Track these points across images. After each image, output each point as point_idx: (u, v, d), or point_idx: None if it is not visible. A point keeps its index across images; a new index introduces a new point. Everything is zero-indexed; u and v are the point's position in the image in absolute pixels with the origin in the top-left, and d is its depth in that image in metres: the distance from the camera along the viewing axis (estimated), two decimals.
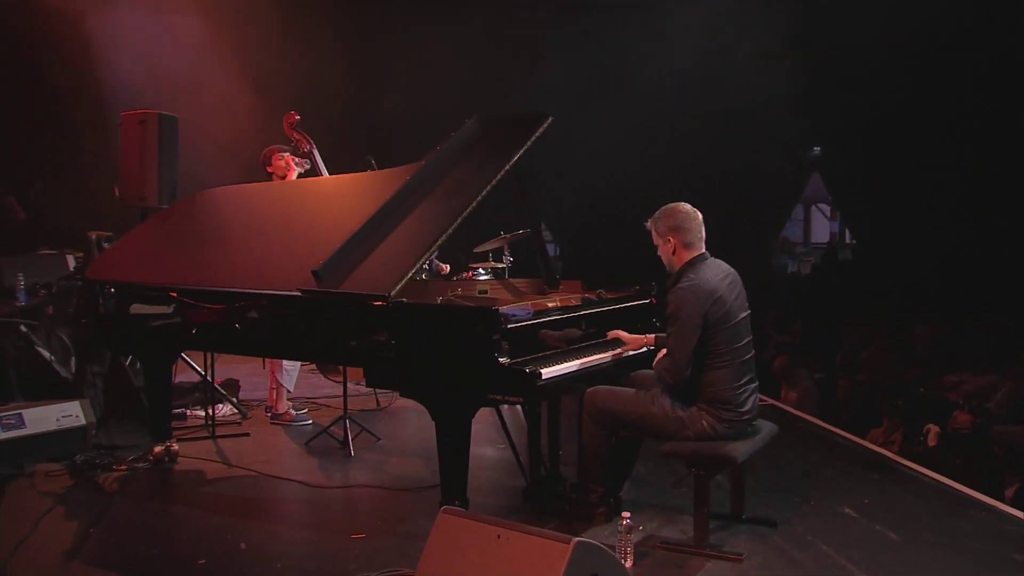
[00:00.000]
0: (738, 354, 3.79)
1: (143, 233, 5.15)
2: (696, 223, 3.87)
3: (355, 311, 3.83)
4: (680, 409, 3.80)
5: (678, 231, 3.85)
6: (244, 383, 7.17)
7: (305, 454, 5.44)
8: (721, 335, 3.74)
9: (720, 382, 3.77)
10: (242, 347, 4.84)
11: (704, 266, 3.82)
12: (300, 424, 6.16)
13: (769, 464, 5.14)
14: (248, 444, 5.65)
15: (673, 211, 3.89)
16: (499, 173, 4.26)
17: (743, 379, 3.81)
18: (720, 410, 3.76)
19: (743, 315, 3.84)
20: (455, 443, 3.67)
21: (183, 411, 6.27)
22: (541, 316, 3.90)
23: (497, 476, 4.96)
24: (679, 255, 3.86)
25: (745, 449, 3.79)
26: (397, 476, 4.95)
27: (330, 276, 3.98)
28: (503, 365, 3.51)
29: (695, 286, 3.73)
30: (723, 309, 3.73)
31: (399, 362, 3.73)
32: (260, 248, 4.58)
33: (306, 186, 5.32)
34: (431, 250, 3.96)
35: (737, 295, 3.83)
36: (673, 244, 3.85)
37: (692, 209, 3.91)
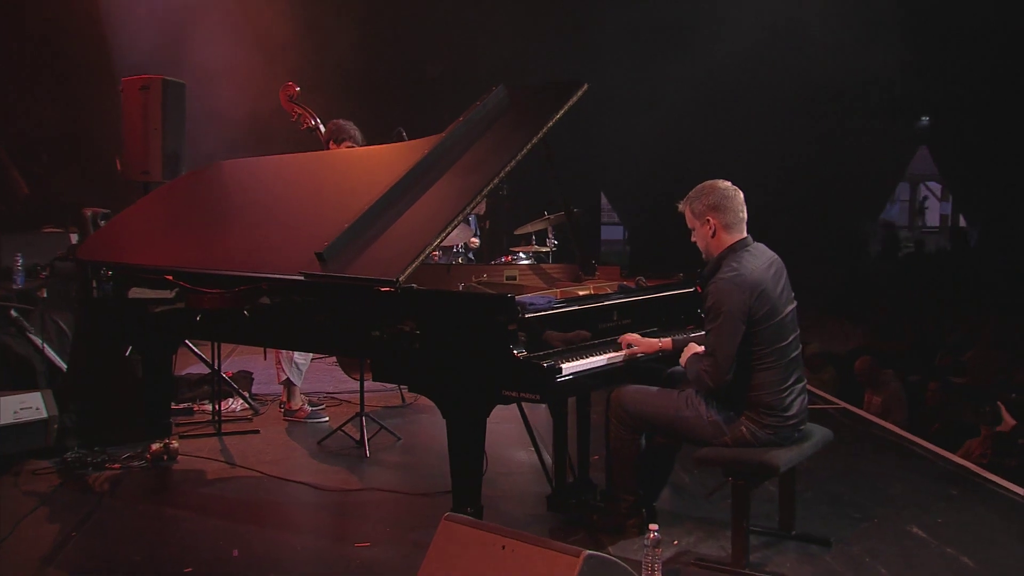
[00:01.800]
0: (784, 353, 3.82)
1: (142, 210, 5.34)
2: (737, 203, 3.89)
3: (362, 297, 3.94)
4: (716, 413, 3.84)
5: (717, 210, 3.87)
6: (260, 376, 7.36)
7: (316, 454, 5.60)
8: (766, 333, 3.77)
9: (764, 386, 3.80)
10: (246, 336, 5.02)
11: (747, 253, 3.84)
12: (315, 421, 6.32)
13: (830, 475, 5.16)
14: (256, 442, 5.83)
15: (711, 188, 3.92)
16: (526, 146, 4.33)
17: (789, 380, 3.83)
18: (763, 415, 3.79)
19: (789, 309, 3.85)
20: (467, 444, 3.77)
21: (190, 406, 6.48)
22: (564, 305, 3.97)
23: (523, 482, 5.05)
24: (719, 238, 3.89)
25: (790, 457, 3.82)
26: (414, 479, 5.08)
27: (336, 259, 4.10)
28: (519, 358, 3.59)
29: (739, 277, 3.75)
30: (769, 304, 3.75)
31: (407, 354, 3.83)
32: (267, 227, 4.72)
33: (322, 160, 5.47)
34: (446, 231, 4.05)
35: (783, 287, 3.85)
36: (712, 226, 3.88)
37: (732, 187, 3.93)
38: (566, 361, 3.76)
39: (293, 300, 4.34)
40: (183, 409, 6.40)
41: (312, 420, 6.33)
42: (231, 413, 6.48)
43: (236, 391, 6.66)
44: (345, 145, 6.06)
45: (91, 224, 5.97)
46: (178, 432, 5.80)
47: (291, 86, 6.40)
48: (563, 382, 3.64)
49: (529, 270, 5.25)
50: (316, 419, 6.35)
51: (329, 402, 6.90)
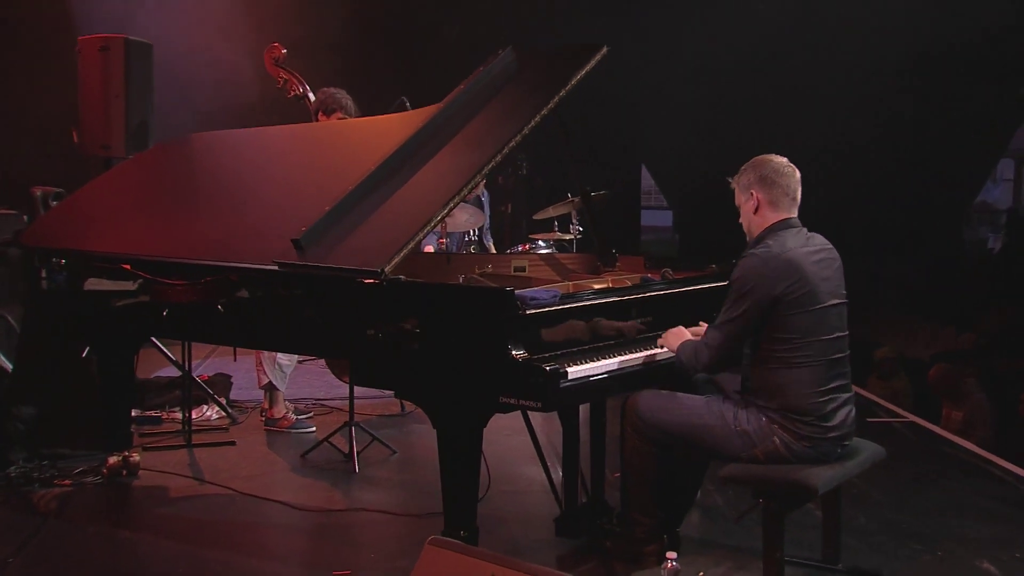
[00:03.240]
0: (824, 350, 3.88)
1: (100, 189, 5.48)
2: (790, 180, 4.00)
3: (343, 291, 4.05)
4: (746, 421, 3.92)
5: (764, 184, 3.98)
6: (241, 380, 7.52)
7: (299, 469, 5.74)
8: (800, 320, 3.84)
9: (797, 384, 3.86)
10: (220, 334, 5.18)
11: (788, 233, 3.95)
12: (300, 431, 6.47)
13: (888, 499, 5.23)
14: (231, 455, 5.98)
15: (762, 161, 4.04)
16: (535, 118, 4.42)
17: (830, 383, 3.90)
18: (797, 423, 3.85)
19: (835, 302, 3.94)
20: (461, 457, 3.86)
21: (158, 413, 6.65)
22: (571, 300, 4.06)
23: (530, 502, 5.17)
24: (761, 215, 4.00)
25: (830, 476, 3.87)
26: (407, 498, 5.21)
27: (315, 247, 4.22)
28: (517, 360, 3.67)
29: (770, 255, 3.86)
30: (806, 287, 3.83)
31: (393, 355, 3.94)
32: (242, 209, 4.86)
33: (307, 134, 5.60)
34: (440, 215, 4.16)
35: (829, 277, 3.94)
36: (756, 200, 4.00)
37: (789, 164, 4.04)
38: (573, 364, 3.84)
39: (269, 294, 4.47)
40: (150, 417, 6.57)
41: (297, 430, 6.48)
42: (205, 422, 6.65)
43: (211, 397, 6.82)
44: (335, 117, 6.19)
45: (41, 205, 6.09)
46: (142, 443, 5.96)
47: (277, 47, 6.53)
48: (568, 388, 3.73)
49: (541, 260, 5.36)
50: (301, 429, 6.50)
51: (319, 410, 7.06)
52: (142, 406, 6.65)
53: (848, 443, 4.02)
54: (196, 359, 7.56)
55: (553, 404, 3.72)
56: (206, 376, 7.19)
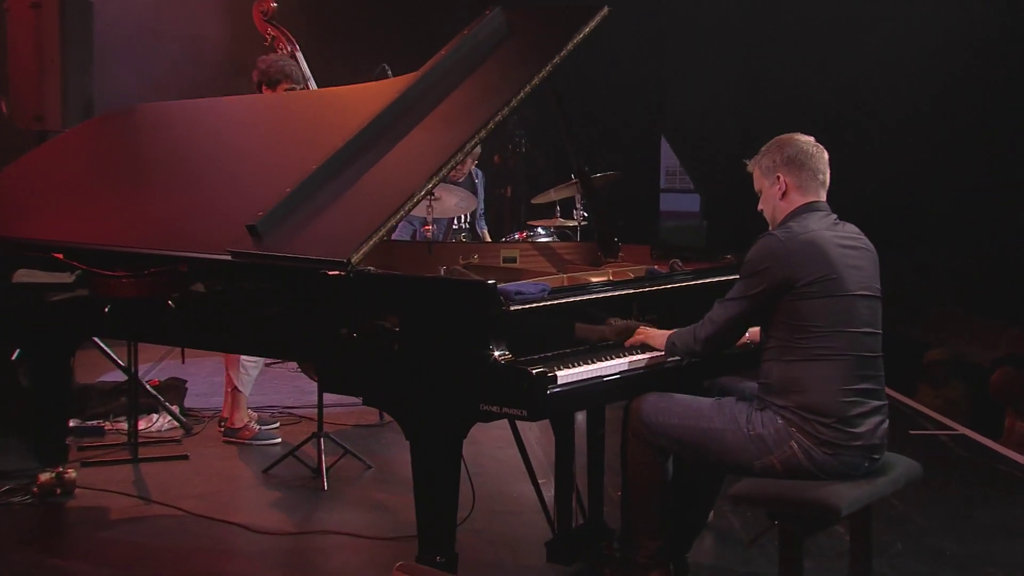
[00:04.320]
0: (852, 344, 3.91)
1: (32, 166, 5.51)
2: (818, 162, 4.07)
3: (304, 284, 4.10)
4: (761, 424, 3.94)
5: (792, 166, 4.05)
6: (197, 385, 7.59)
7: (261, 486, 5.81)
8: (823, 307, 3.87)
9: (817, 379, 3.88)
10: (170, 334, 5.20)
11: (813, 215, 4.01)
12: (263, 443, 6.55)
13: (931, 522, 5.28)
14: (184, 471, 6.04)
15: (787, 141, 4.10)
16: (526, 88, 4.45)
17: (857, 384, 3.92)
18: (816, 425, 3.87)
19: (865, 293, 3.97)
20: (436, 473, 3.89)
21: (100, 423, 6.71)
22: (563, 295, 4.10)
23: (520, 523, 5.24)
24: (789, 200, 4.07)
25: (857, 495, 3.87)
26: (382, 519, 5.27)
27: (273, 234, 4.26)
28: (500, 363, 3.71)
29: (790, 235, 3.93)
30: (829, 272, 3.87)
31: (360, 356, 3.99)
32: (195, 191, 4.92)
33: (272, 105, 5.65)
34: (414, 198, 4.20)
35: (860, 267, 3.98)
36: (783, 184, 4.06)
37: (815, 143, 4.10)
38: (563, 367, 3.87)
39: (225, 288, 4.53)
40: (91, 428, 6.63)
41: (259, 442, 6.55)
42: (154, 433, 6.71)
43: (161, 404, 6.87)
44: (282, 89, 6.26)
45: None
46: (80, 458, 6.02)
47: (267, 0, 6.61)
48: (558, 394, 3.75)
49: (535, 250, 5.40)
50: (264, 440, 6.57)
51: (286, 419, 7.15)
52: (82, 415, 6.70)
53: (878, 457, 4.02)
54: (146, 362, 7.62)
55: (540, 412, 3.75)
56: (156, 381, 7.24)
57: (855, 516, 4.06)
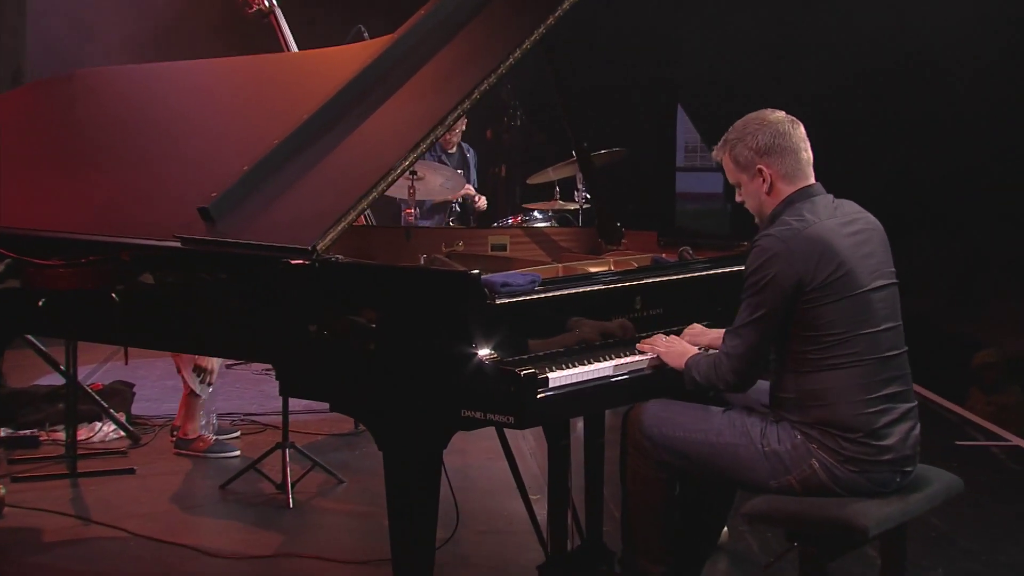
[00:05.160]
0: (872, 346, 3.92)
1: None
2: (798, 139, 4.04)
3: (264, 273, 4.15)
4: (776, 440, 3.96)
5: (771, 154, 4.01)
6: (145, 389, 7.64)
7: (217, 504, 5.86)
8: (836, 311, 3.87)
9: (838, 391, 3.89)
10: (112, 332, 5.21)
11: (810, 204, 3.98)
12: (221, 456, 6.60)
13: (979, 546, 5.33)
14: (130, 487, 6.09)
15: (759, 124, 4.06)
16: (515, 52, 4.44)
17: (883, 389, 3.93)
18: (840, 441, 3.89)
19: (880, 284, 3.97)
20: (411, 488, 3.93)
21: (35, 433, 6.75)
22: (556, 287, 4.14)
23: (510, 545, 5.30)
24: (776, 192, 4.03)
25: (886, 513, 3.90)
26: (354, 541, 5.33)
27: (229, 217, 4.32)
28: (484, 363, 3.74)
29: (790, 233, 3.89)
30: (839, 267, 3.87)
31: (325, 357, 4.03)
32: (140, 168, 4.96)
33: (233, 70, 5.63)
34: (390, 177, 4.23)
35: (869, 254, 3.98)
36: (766, 177, 4.02)
37: (788, 118, 4.06)
38: (556, 368, 3.91)
39: (175, 279, 4.56)
40: (23, 438, 6.67)
41: (216, 454, 6.61)
42: (96, 444, 6.77)
43: (105, 411, 6.92)
44: None
45: None
46: (10, 472, 6.06)
47: None
48: (549, 399, 3.78)
49: (527, 237, 5.44)
50: (222, 452, 6.62)
51: (247, 428, 7.22)
52: (14, 423, 6.74)
53: (910, 469, 4.03)
54: (87, 363, 7.63)
55: (529, 419, 3.77)
56: (100, 385, 7.27)
57: (887, 537, 4.09)
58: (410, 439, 3.95)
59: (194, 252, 4.34)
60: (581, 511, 4.85)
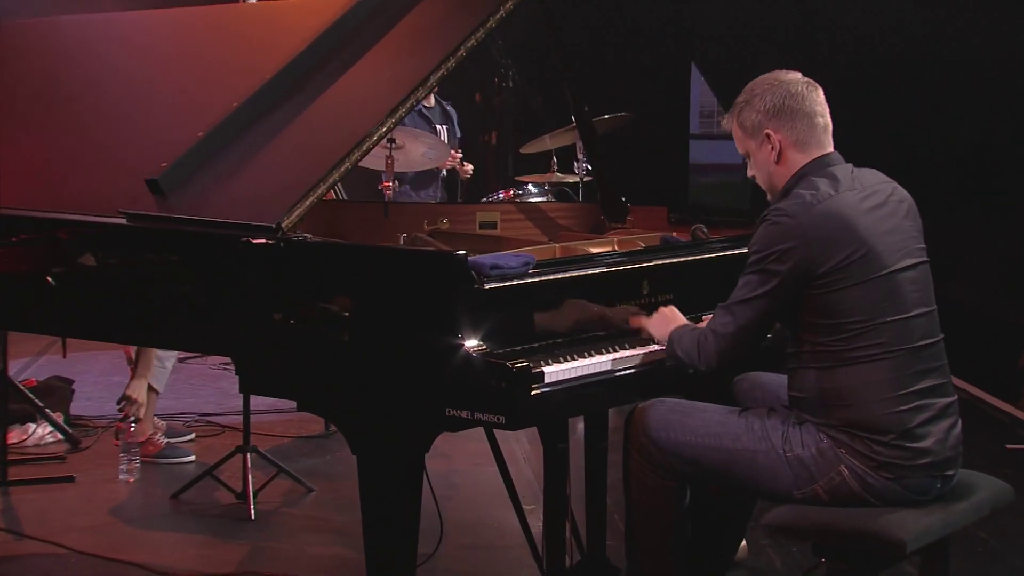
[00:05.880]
0: (901, 335, 3.88)
1: None
2: (813, 103, 4.01)
3: (221, 254, 4.14)
4: (800, 444, 3.93)
5: (782, 118, 3.98)
6: (87, 386, 7.66)
7: (168, 516, 5.84)
8: (857, 296, 3.84)
9: (865, 388, 3.86)
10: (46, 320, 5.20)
11: (826, 177, 3.95)
12: (172, 461, 6.60)
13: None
14: (68, 496, 6.06)
15: (770, 85, 4.03)
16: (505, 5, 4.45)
17: (917, 383, 3.90)
18: (872, 444, 3.85)
19: (908, 263, 3.94)
20: (390, 498, 3.92)
21: None
22: (553, 269, 4.12)
23: (502, 560, 5.29)
24: (786, 163, 4.01)
25: (925, 525, 3.86)
26: (325, 556, 5.31)
27: (180, 191, 4.31)
28: (472, 356, 3.72)
29: (803, 208, 3.85)
30: (858, 249, 3.83)
31: (292, 349, 4.01)
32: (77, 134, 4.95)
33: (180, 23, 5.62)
34: (364, 146, 4.21)
35: (893, 229, 3.94)
36: (775, 144, 4.00)
37: (805, 80, 4.04)
38: (553, 361, 3.90)
39: (119, 260, 4.55)
40: None
41: (167, 459, 6.60)
42: (30, 448, 6.75)
43: (40, 411, 6.90)
44: None
45: None
46: None
47: None
48: (544, 396, 3.76)
49: (520, 213, 5.42)
50: (174, 457, 6.61)
51: (204, 430, 7.21)
52: None
53: (952, 473, 4.00)
54: (19, 357, 7.62)
55: (522, 419, 3.74)
56: (34, 381, 7.24)
57: (927, 552, 4.04)
58: (388, 442, 3.93)
59: (142, 230, 4.33)
60: (581, 523, 4.84)
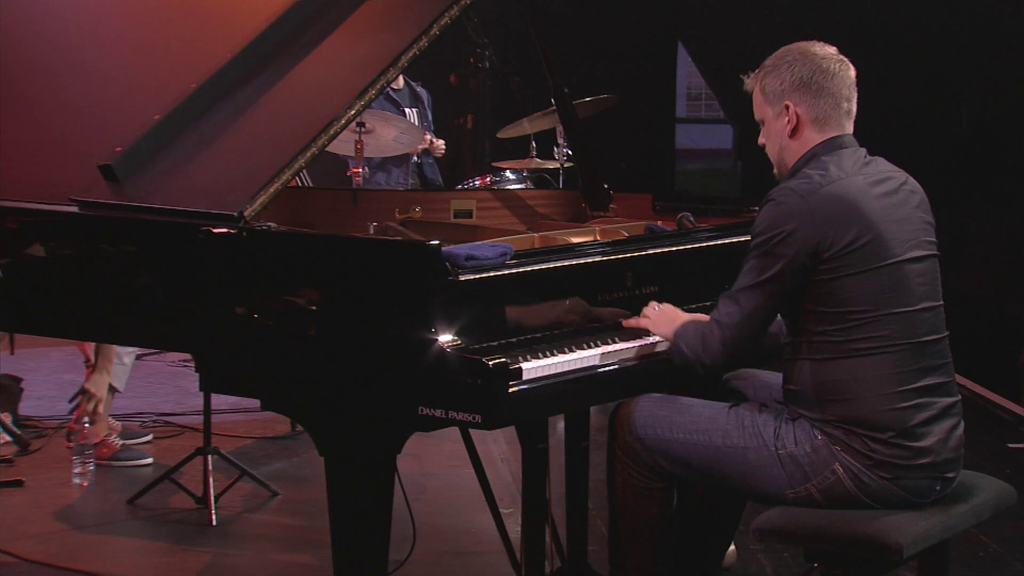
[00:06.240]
0: (905, 328, 3.89)
1: None
2: (842, 84, 4.01)
3: (181, 245, 4.14)
4: (793, 441, 3.95)
5: (806, 91, 3.99)
6: (37, 385, 7.65)
7: (124, 522, 5.83)
8: (861, 285, 3.84)
9: (864, 383, 3.87)
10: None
11: (838, 158, 3.96)
12: (129, 464, 6.60)
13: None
14: (17, 502, 6.06)
15: (801, 55, 4.03)
16: None
17: (919, 380, 3.91)
18: (869, 442, 3.87)
19: (917, 254, 3.95)
20: (359, 502, 3.94)
21: None
22: (531, 260, 4.13)
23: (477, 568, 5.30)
24: (800, 137, 4.02)
25: (924, 528, 3.88)
26: (290, 564, 5.35)
27: (135, 177, 4.31)
28: (446, 351, 3.73)
29: (810, 188, 3.86)
30: (865, 234, 3.84)
31: (255, 345, 4.02)
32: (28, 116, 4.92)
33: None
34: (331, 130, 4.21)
35: (904, 218, 3.96)
36: (791, 117, 4.01)
37: (838, 57, 4.04)
38: (531, 357, 3.91)
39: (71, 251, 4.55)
40: None
41: (123, 462, 6.59)
42: None
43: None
44: None
45: None
46: None
47: None
48: (523, 393, 3.77)
49: (498, 201, 5.43)
50: (130, 460, 6.61)
51: (163, 430, 7.21)
52: None
53: (952, 475, 4.03)
54: None
55: (499, 418, 3.75)
56: None
57: (926, 557, 4.06)
58: (357, 442, 3.94)
59: (95, 219, 4.33)
60: (562, 528, 4.85)
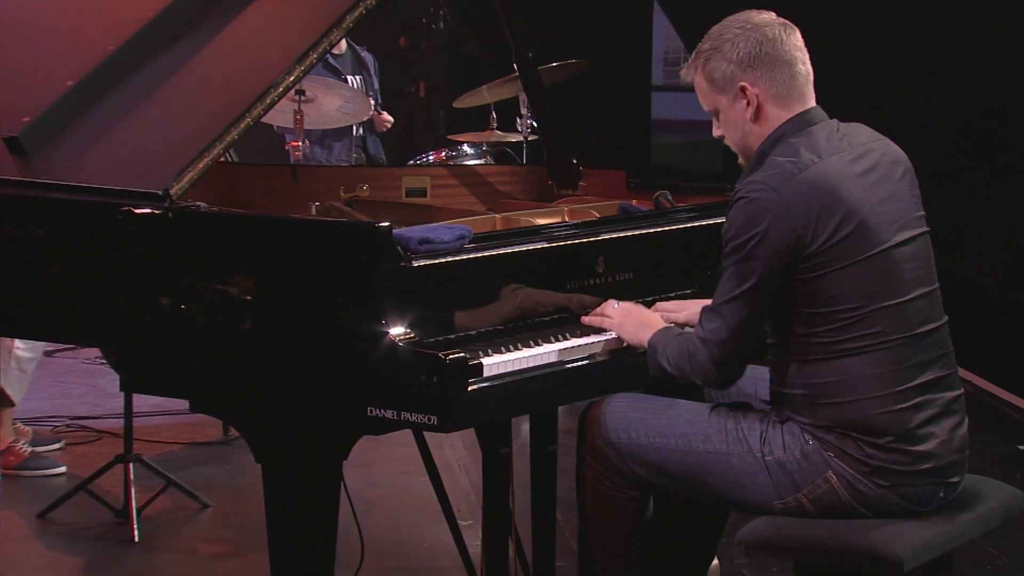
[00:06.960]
0: (899, 321, 3.90)
1: None
2: (793, 47, 4.00)
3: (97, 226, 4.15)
4: (781, 446, 3.96)
5: (759, 66, 3.97)
6: None
7: (34, 538, 5.84)
8: (848, 277, 3.84)
9: (858, 382, 3.87)
10: None
11: (808, 138, 3.95)
12: (39, 474, 6.58)
13: None
14: None
15: (742, 28, 4.01)
16: None
17: (917, 377, 3.92)
18: (865, 447, 3.88)
19: (906, 236, 3.95)
20: (299, 513, 3.95)
21: None
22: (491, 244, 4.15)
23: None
24: (764, 119, 4.00)
25: (925, 539, 3.89)
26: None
27: (45, 151, 4.33)
28: (398, 346, 3.74)
29: (782, 177, 3.84)
30: (848, 222, 3.83)
31: (183, 339, 4.03)
32: None
33: None
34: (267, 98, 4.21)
35: (888, 196, 3.95)
36: (751, 99, 3.99)
37: (780, 22, 4.02)
38: (492, 352, 3.94)
39: None
40: None
41: (32, 471, 6.58)
42: None
43: None
44: None
45: None
46: None
47: None
48: (484, 391, 3.79)
49: (455, 178, 5.43)
50: (40, 469, 6.60)
51: (77, 435, 7.20)
52: None
53: (957, 480, 4.04)
54: None
55: (457, 419, 3.76)
56: None
57: (928, 570, 4.03)
58: (299, 448, 3.95)
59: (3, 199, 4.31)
60: (526, 541, 4.87)
